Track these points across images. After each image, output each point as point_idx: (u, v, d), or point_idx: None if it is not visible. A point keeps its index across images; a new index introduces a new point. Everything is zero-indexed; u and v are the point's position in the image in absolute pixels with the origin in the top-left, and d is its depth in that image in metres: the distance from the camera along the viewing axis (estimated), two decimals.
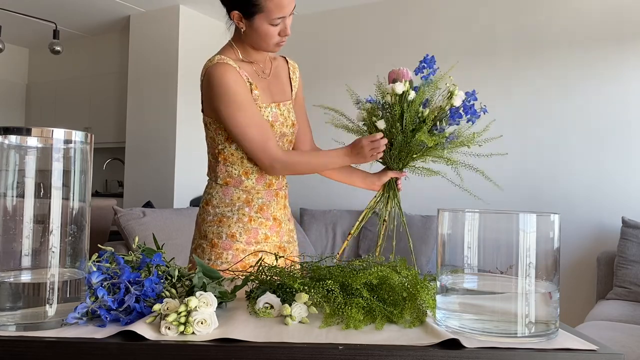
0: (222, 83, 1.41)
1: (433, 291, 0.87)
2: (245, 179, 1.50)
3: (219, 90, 1.42)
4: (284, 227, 1.57)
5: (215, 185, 1.52)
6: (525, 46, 3.77)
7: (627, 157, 3.46)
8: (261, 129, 1.44)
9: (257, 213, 1.50)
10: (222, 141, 1.49)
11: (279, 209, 1.56)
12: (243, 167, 1.49)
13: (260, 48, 1.50)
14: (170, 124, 4.58)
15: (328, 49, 4.44)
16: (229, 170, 1.50)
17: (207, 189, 1.55)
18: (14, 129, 0.78)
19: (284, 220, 1.57)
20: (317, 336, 0.76)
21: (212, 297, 0.78)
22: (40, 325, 0.75)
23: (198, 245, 1.52)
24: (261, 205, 1.51)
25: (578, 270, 3.55)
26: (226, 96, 1.41)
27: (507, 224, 0.76)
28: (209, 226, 1.50)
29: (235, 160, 1.49)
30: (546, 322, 0.75)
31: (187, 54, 4.61)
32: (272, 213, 1.53)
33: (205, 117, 1.51)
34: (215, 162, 1.52)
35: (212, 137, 1.51)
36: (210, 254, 1.47)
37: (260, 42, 1.47)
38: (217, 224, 1.49)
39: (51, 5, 4.71)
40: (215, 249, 1.48)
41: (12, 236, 0.76)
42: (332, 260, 1.04)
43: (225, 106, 1.42)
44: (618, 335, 2.25)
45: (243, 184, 1.49)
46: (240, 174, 1.49)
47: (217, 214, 1.50)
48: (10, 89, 6.10)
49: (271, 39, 1.45)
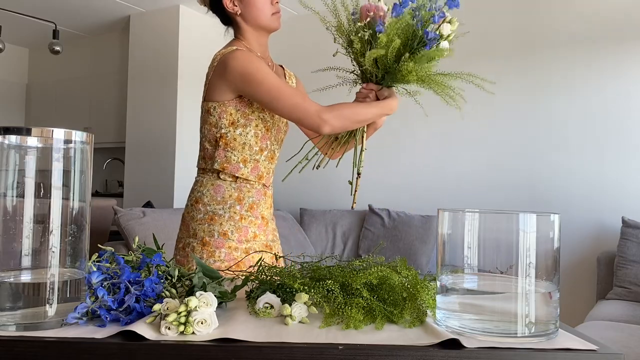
0: (249, 60, 1.45)
1: (433, 291, 0.87)
2: (242, 166, 1.51)
3: (246, 64, 1.44)
4: (269, 226, 1.60)
5: (206, 183, 1.52)
6: (525, 46, 3.77)
7: (627, 157, 3.46)
8: (294, 90, 1.47)
9: (248, 211, 1.52)
10: (225, 125, 1.49)
11: (267, 207, 1.59)
12: (242, 154, 1.50)
13: (260, 24, 1.55)
14: (170, 124, 4.58)
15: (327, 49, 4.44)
16: (228, 156, 1.50)
17: (197, 186, 1.54)
18: (14, 129, 0.78)
19: (269, 219, 1.60)
20: (317, 336, 0.76)
21: (212, 297, 0.78)
22: (40, 325, 0.75)
23: (187, 244, 1.51)
24: (251, 204, 1.53)
25: (578, 270, 3.55)
26: (252, 74, 1.44)
27: (507, 224, 0.76)
28: (199, 224, 1.49)
29: (237, 146, 1.50)
30: (546, 322, 0.75)
31: (187, 54, 4.61)
32: (261, 212, 1.55)
33: (209, 102, 1.51)
34: (214, 147, 1.51)
35: (213, 122, 1.51)
36: (202, 252, 1.47)
37: (259, 14, 1.53)
38: (209, 222, 1.49)
39: (51, 5, 4.71)
40: (207, 247, 1.47)
41: (12, 236, 0.76)
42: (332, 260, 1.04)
43: (254, 83, 1.43)
44: (618, 335, 2.25)
45: (240, 171, 1.50)
46: (239, 160, 1.50)
47: (208, 212, 1.49)
48: (10, 89, 6.10)
49: (265, 9, 1.53)
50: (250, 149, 1.51)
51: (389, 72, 1.41)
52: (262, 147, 1.53)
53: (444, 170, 3.97)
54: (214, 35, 1.65)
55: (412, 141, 4.12)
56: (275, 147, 1.59)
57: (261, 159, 1.53)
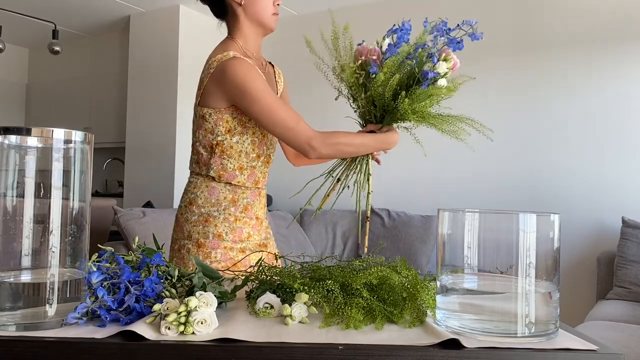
0: (246, 73, 1.43)
1: (433, 291, 0.87)
2: (238, 174, 1.50)
3: (243, 79, 1.42)
4: (263, 225, 1.60)
5: (200, 184, 1.51)
6: (525, 46, 3.77)
7: (627, 157, 3.46)
8: (288, 111, 1.45)
9: (242, 213, 1.52)
10: (222, 132, 1.48)
11: (261, 208, 1.59)
12: (239, 162, 1.50)
13: (260, 20, 1.54)
14: (170, 124, 4.58)
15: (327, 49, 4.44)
16: (224, 164, 1.49)
17: (191, 188, 1.53)
18: (14, 129, 0.78)
19: (263, 219, 1.61)
20: (317, 336, 0.76)
21: (212, 297, 0.78)
22: (40, 325, 0.75)
23: (182, 245, 1.50)
24: (246, 205, 1.53)
25: (578, 270, 3.55)
26: (250, 90, 1.42)
27: (507, 224, 0.76)
28: (194, 226, 1.49)
29: (233, 154, 1.49)
30: (546, 322, 0.75)
31: (187, 54, 4.61)
32: (255, 212, 1.56)
33: (204, 108, 1.49)
34: (210, 154, 1.49)
35: (209, 128, 1.48)
36: (198, 254, 1.47)
37: (260, 10, 1.53)
38: (203, 223, 1.49)
39: (51, 5, 4.71)
40: (202, 248, 1.47)
41: (12, 236, 0.76)
42: (333, 260, 1.04)
43: (250, 99, 1.42)
44: (618, 335, 2.25)
45: (236, 179, 1.50)
46: (235, 168, 1.50)
47: (202, 214, 1.49)
48: (10, 89, 6.10)
49: (270, 5, 1.54)
50: (247, 156, 1.50)
51: (388, 111, 1.40)
52: (259, 153, 1.52)
53: (444, 171, 3.96)
54: (214, 35, 1.65)
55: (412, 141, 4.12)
56: (270, 151, 1.58)
57: (258, 165, 1.53)
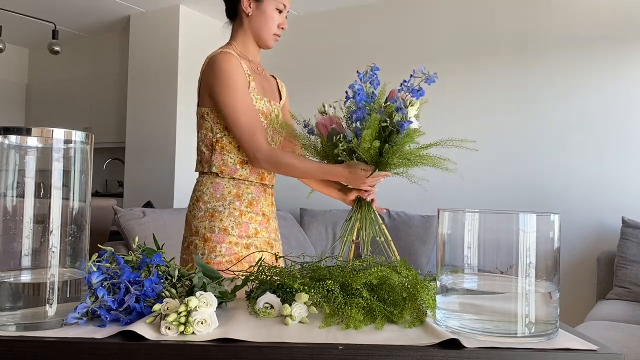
0: (224, 69, 1.48)
1: (433, 291, 0.87)
2: (239, 168, 1.53)
3: (220, 74, 1.48)
4: (271, 224, 1.62)
5: (205, 181, 1.54)
6: (525, 46, 3.77)
7: (627, 157, 3.46)
8: (252, 119, 1.49)
9: (247, 207, 1.54)
10: (220, 130, 1.53)
11: (267, 205, 1.61)
12: (239, 156, 1.53)
13: (261, 35, 1.59)
14: (170, 124, 4.58)
15: (327, 49, 4.44)
16: (225, 159, 1.53)
17: (197, 186, 1.58)
18: (14, 129, 0.78)
19: (271, 217, 1.63)
20: (317, 336, 0.76)
21: (212, 297, 0.78)
22: (40, 325, 0.75)
23: (190, 242, 1.54)
24: (251, 200, 1.55)
25: (578, 270, 3.55)
26: (226, 81, 1.48)
27: (507, 224, 0.76)
28: (200, 222, 1.53)
29: (232, 149, 1.53)
30: (546, 322, 0.75)
31: (187, 54, 4.61)
32: (261, 208, 1.58)
33: (203, 108, 1.55)
34: (211, 151, 1.54)
35: (209, 127, 1.54)
36: (204, 248, 1.50)
37: (263, 27, 1.57)
38: (209, 218, 1.52)
39: (51, 5, 4.71)
40: (208, 242, 1.50)
41: (12, 236, 0.76)
42: (332, 260, 1.04)
43: (223, 91, 1.48)
44: (618, 335, 2.25)
45: (237, 173, 1.53)
46: (236, 162, 1.53)
47: (208, 209, 1.53)
48: (10, 89, 6.10)
49: (273, 25, 1.58)
50: None
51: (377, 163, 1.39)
52: None
53: (444, 170, 3.96)
54: (214, 35, 1.67)
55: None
56: None
57: None
